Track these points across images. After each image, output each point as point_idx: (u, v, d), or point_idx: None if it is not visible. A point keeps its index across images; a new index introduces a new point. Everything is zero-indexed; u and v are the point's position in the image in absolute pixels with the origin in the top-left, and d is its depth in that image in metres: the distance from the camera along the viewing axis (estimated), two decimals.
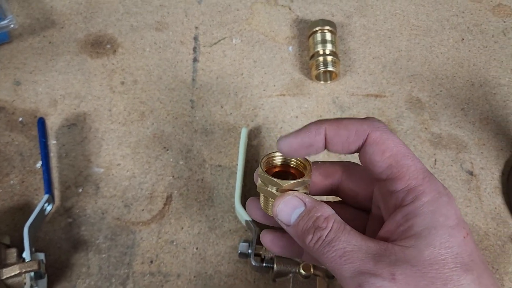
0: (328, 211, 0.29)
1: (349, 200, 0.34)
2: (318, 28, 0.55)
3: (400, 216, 0.28)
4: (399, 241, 0.27)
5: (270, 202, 0.32)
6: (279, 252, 0.34)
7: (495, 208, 0.49)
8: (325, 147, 0.31)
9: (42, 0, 0.59)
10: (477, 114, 0.55)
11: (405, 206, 0.28)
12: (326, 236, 0.28)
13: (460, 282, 0.26)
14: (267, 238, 0.34)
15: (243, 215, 0.45)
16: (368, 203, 0.33)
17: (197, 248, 0.47)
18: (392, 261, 0.26)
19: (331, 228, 0.28)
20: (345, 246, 0.27)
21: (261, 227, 0.47)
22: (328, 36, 0.55)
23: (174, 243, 0.47)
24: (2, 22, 0.52)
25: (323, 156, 0.50)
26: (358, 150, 0.31)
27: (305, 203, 0.30)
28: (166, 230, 0.47)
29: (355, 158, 0.32)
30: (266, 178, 0.31)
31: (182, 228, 0.48)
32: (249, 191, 0.49)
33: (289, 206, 0.30)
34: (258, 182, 0.32)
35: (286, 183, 0.31)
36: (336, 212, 0.29)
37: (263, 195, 0.32)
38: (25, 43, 0.56)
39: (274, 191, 0.31)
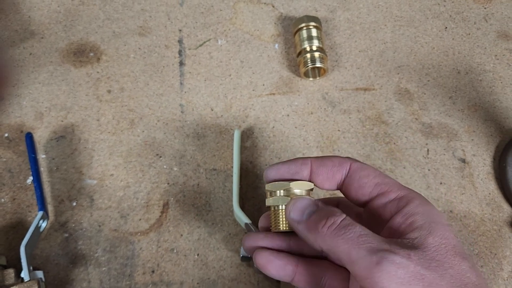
0: (339, 210, 0.31)
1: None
2: (303, 24, 0.55)
3: (399, 217, 0.31)
4: (404, 236, 0.29)
5: (280, 212, 0.32)
6: (273, 273, 0.35)
7: (489, 193, 0.50)
8: (310, 179, 0.34)
9: (20, 10, 0.57)
10: (465, 102, 0.56)
11: (402, 209, 0.31)
12: (340, 222, 0.29)
13: (462, 267, 0.28)
14: (262, 256, 0.34)
15: (242, 218, 0.45)
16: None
17: (198, 255, 0.46)
18: (404, 247, 0.28)
19: (345, 217, 0.30)
20: (361, 231, 0.29)
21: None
22: (314, 32, 0.55)
23: (175, 251, 0.46)
24: None
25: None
26: (341, 184, 0.34)
27: (317, 205, 0.32)
28: (166, 238, 0.47)
29: None
30: (273, 186, 0.32)
31: (182, 235, 0.47)
32: (245, 194, 0.49)
33: (302, 204, 0.32)
34: (267, 198, 0.33)
35: (293, 182, 0.32)
36: None
37: (273, 210, 0.34)
38: (5, 56, 0.55)
39: (282, 193, 0.32)
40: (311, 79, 0.55)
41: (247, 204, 0.49)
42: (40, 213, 0.43)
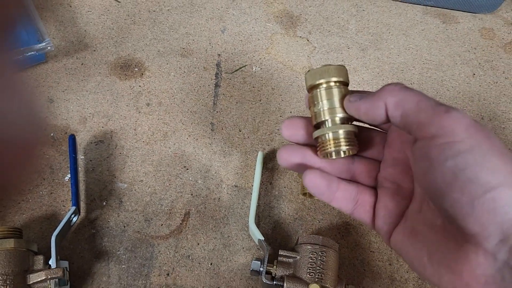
0: None
1: None
2: (322, 80, 0.35)
3: None
4: None
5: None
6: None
7: None
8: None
9: (77, 24, 0.63)
10: None
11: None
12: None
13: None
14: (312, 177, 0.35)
15: (256, 234, 0.48)
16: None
17: (211, 264, 0.49)
18: None
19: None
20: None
21: (273, 246, 0.49)
22: (336, 92, 0.35)
23: (190, 258, 0.49)
24: (40, 45, 0.56)
25: None
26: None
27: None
28: (183, 245, 0.50)
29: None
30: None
31: (198, 243, 0.50)
32: (262, 212, 0.52)
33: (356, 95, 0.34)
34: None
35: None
36: None
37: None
38: (59, 63, 0.60)
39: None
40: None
41: (262, 222, 0.52)
42: (73, 208, 0.47)
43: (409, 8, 0.69)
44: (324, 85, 0.35)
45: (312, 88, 0.36)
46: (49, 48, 0.57)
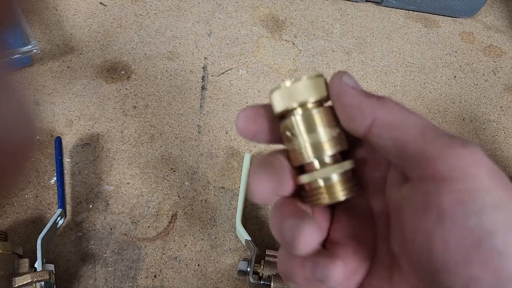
0: None
1: None
2: (295, 104, 0.23)
3: None
4: None
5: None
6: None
7: None
8: None
9: (63, 27, 0.63)
10: None
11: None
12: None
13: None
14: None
15: (243, 235, 0.48)
16: None
17: (198, 265, 0.49)
18: None
19: None
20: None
21: (260, 247, 0.50)
22: (317, 118, 0.23)
23: (177, 259, 0.49)
24: (26, 47, 0.56)
25: None
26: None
27: None
28: (170, 247, 0.50)
29: None
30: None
31: (185, 245, 0.50)
32: (249, 213, 0.52)
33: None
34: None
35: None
36: None
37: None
38: (45, 66, 0.60)
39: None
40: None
41: (249, 223, 0.52)
42: (59, 211, 0.47)
43: (392, 12, 0.70)
44: (300, 111, 0.23)
45: (283, 115, 0.24)
46: (34, 51, 0.57)
